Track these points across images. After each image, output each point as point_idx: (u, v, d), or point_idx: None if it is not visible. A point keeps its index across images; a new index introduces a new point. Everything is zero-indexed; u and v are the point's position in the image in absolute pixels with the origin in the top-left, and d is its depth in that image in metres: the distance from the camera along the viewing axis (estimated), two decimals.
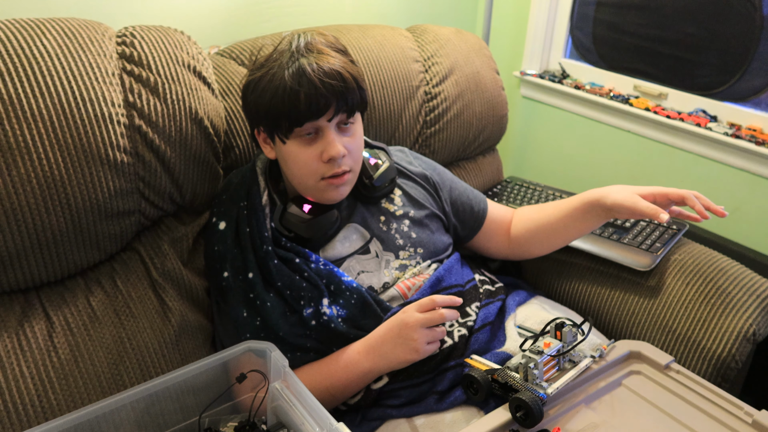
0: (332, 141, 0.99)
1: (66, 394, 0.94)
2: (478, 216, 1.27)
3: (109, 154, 0.97)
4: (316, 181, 1.03)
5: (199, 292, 1.11)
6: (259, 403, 0.88)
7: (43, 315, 0.98)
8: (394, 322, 0.98)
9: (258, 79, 1.00)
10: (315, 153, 1.00)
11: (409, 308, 0.98)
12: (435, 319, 0.95)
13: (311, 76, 0.95)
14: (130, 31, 1.07)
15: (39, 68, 0.92)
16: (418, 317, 0.96)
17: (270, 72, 0.98)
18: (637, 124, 1.82)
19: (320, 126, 0.99)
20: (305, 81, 0.95)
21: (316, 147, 1.00)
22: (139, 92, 1.02)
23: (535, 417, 0.86)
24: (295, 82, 0.95)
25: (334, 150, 0.99)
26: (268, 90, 0.97)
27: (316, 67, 0.96)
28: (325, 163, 1.01)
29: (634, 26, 1.83)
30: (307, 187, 1.05)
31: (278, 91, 0.96)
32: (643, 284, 1.26)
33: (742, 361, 1.13)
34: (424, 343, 0.96)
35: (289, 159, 1.03)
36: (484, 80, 1.56)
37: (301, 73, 0.96)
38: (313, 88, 0.95)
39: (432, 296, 0.98)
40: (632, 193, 1.06)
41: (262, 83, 0.99)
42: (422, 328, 0.95)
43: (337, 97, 0.97)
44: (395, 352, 0.97)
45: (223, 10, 1.62)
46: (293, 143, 1.00)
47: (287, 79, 0.96)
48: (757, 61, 1.59)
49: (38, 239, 0.94)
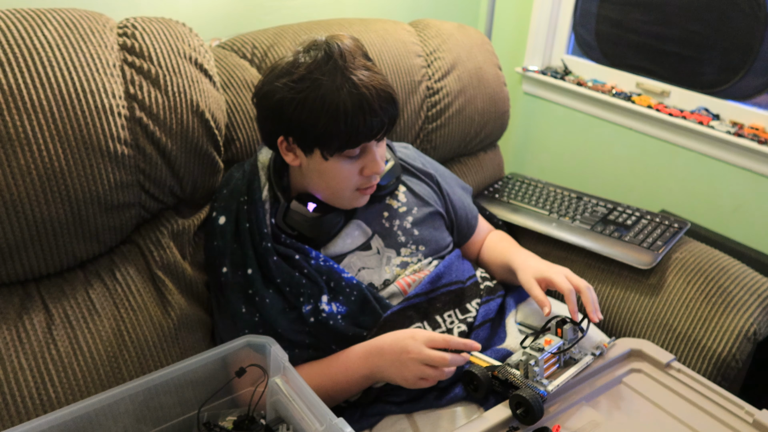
0: (375, 159, 1.01)
1: (65, 386, 0.94)
2: (470, 225, 1.29)
3: (110, 146, 0.97)
4: (351, 192, 1.04)
5: (198, 286, 1.10)
6: (258, 398, 0.88)
7: (43, 307, 0.97)
8: (398, 342, 0.95)
9: (303, 96, 0.94)
10: (357, 169, 1.02)
11: (420, 336, 0.93)
12: (436, 361, 0.91)
13: (371, 101, 0.95)
14: (131, 23, 1.06)
15: (39, 59, 0.92)
16: (421, 351, 0.92)
17: (319, 89, 0.94)
18: (639, 121, 1.82)
19: (367, 145, 1.00)
20: (367, 107, 0.94)
21: (359, 163, 1.02)
22: (140, 84, 1.01)
23: (535, 414, 0.86)
24: (357, 106, 0.94)
25: (378, 168, 1.01)
26: (323, 112, 0.94)
27: (374, 93, 0.95)
28: (363, 177, 1.03)
29: (637, 23, 1.82)
30: (339, 197, 1.05)
31: (338, 113, 0.93)
32: (644, 282, 1.26)
33: (743, 360, 1.13)
34: (416, 377, 0.92)
35: (326, 174, 1.02)
36: (486, 76, 1.55)
37: (362, 97, 0.94)
38: (374, 114, 0.95)
39: (447, 337, 0.93)
40: (531, 278, 1.08)
41: (311, 102, 0.94)
42: (420, 363, 0.92)
43: (391, 121, 0.99)
44: (389, 370, 0.95)
45: (225, 3, 1.61)
46: (336, 160, 1.00)
47: (347, 101, 0.93)
48: (760, 59, 1.59)
49: (38, 231, 0.93)
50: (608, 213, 1.42)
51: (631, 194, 1.92)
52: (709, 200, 1.71)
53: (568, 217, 1.42)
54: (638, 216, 1.39)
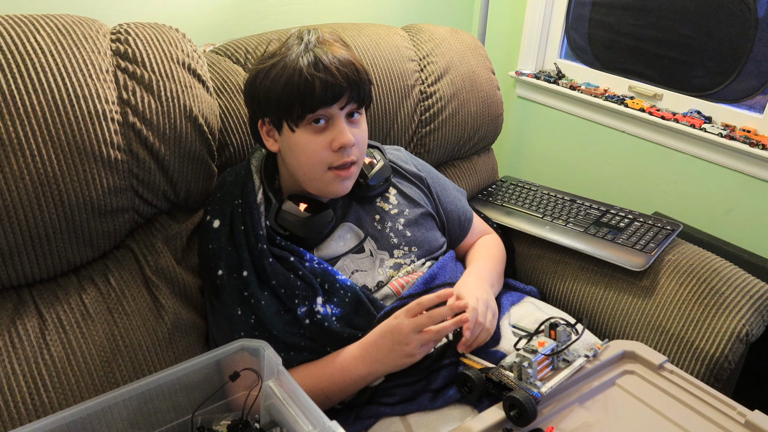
0: (343, 129, 1.01)
1: (58, 391, 0.94)
2: (463, 228, 1.29)
3: (103, 152, 0.97)
4: (323, 172, 1.03)
5: (192, 290, 1.10)
6: (252, 402, 0.88)
7: (36, 312, 0.97)
8: (387, 328, 0.97)
9: (269, 68, 1.00)
10: (325, 141, 1.01)
11: (399, 314, 0.96)
12: (424, 323, 0.93)
13: (327, 64, 0.98)
14: (124, 28, 1.06)
15: (33, 64, 0.92)
16: (408, 323, 0.94)
17: (283, 61, 0.99)
18: (632, 124, 1.83)
19: (332, 114, 1.00)
20: (321, 68, 0.97)
21: (326, 135, 1.01)
22: (133, 89, 1.01)
23: (528, 416, 0.86)
24: (312, 68, 0.97)
25: (345, 138, 1.00)
26: (282, 76, 0.98)
27: (331, 57, 0.99)
28: (334, 152, 1.02)
29: (629, 27, 1.83)
30: (314, 177, 1.05)
31: (293, 77, 0.97)
32: (636, 284, 1.27)
33: (735, 362, 1.14)
34: (418, 347, 0.95)
35: (296, 148, 1.02)
36: (479, 80, 1.56)
37: (317, 61, 0.98)
38: (329, 75, 0.97)
39: (418, 299, 0.95)
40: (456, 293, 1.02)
41: (275, 71, 0.99)
42: (414, 333, 0.94)
43: (351, 86, 1.00)
44: (391, 358, 0.96)
45: (218, 8, 1.62)
46: (303, 132, 1.01)
47: (303, 66, 0.97)
48: (751, 62, 1.60)
49: (31, 236, 0.93)
50: (601, 215, 1.43)
51: (624, 197, 1.93)
52: (702, 202, 1.72)
53: (562, 220, 1.43)
54: (631, 218, 1.40)
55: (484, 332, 1.00)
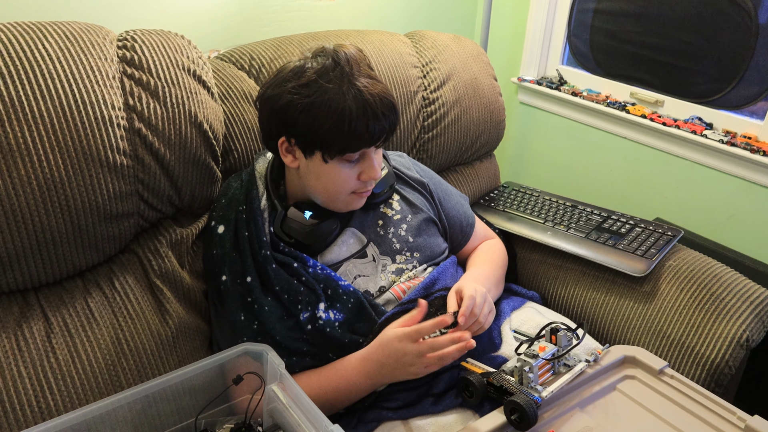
0: (373, 164, 1.04)
1: (64, 395, 0.95)
2: (465, 233, 1.30)
3: (109, 157, 0.98)
4: (347, 195, 1.06)
5: (196, 294, 1.11)
6: (255, 405, 0.89)
7: (42, 316, 0.98)
8: (391, 350, 0.96)
9: (311, 101, 0.97)
10: (355, 173, 1.04)
11: (403, 338, 0.94)
12: (424, 351, 0.93)
13: (375, 107, 0.98)
14: (130, 35, 1.08)
15: (40, 71, 0.93)
16: (412, 349, 0.93)
17: (325, 95, 0.97)
18: (634, 131, 1.84)
19: (367, 150, 1.03)
20: (371, 113, 0.98)
21: (357, 167, 1.04)
22: (139, 95, 1.02)
23: (529, 420, 0.87)
24: (361, 113, 0.97)
25: (375, 173, 1.04)
26: (329, 117, 0.97)
27: (378, 99, 0.99)
28: (360, 182, 1.05)
29: (631, 34, 1.84)
30: (335, 199, 1.07)
31: (343, 121, 0.97)
32: (637, 290, 1.27)
33: (736, 367, 1.14)
34: (423, 368, 0.94)
35: (324, 176, 1.04)
36: (481, 86, 1.57)
37: (366, 106, 0.98)
38: (377, 122, 0.99)
39: (417, 327, 0.93)
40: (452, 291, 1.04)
41: (317, 106, 0.97)
42: (419, 357, 0.93)
43: (391, 128, 1.03)
44: (395, 376, 0.97)
45: (223, 15, 1.63)
46: (335, 163, 1.02)
47: (352, 106, 0.97)
48: (752, 69, 1.60)
49: (37, 240, 0.94)
50: (603, 221, 1.43)
51: (625, 202, 1.93)
52: (703, 208, 1.73)
53: (563, 226, 1.43)
54: (632, 224, 1.41)
55: (476, 324, 0.99)
